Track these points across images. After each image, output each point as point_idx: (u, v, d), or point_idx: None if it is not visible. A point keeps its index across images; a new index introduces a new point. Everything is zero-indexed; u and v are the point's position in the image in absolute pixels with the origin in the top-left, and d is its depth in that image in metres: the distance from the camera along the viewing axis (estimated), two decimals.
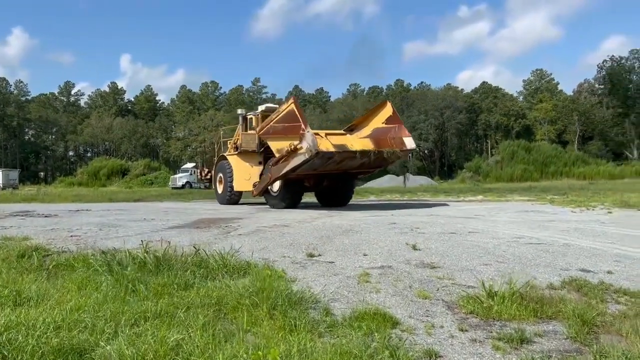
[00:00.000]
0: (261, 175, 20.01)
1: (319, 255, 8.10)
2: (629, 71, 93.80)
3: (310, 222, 13.47)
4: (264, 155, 21.15)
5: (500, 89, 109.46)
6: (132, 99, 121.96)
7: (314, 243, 9.34)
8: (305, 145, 16.91)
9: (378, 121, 19.29)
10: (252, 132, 21.76)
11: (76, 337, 3.95)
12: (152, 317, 4.53)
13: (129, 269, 6.05)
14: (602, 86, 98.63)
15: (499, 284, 5.87)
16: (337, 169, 18.84)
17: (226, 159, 23.14)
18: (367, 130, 19.31)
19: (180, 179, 56.92)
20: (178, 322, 4.42)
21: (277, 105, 23.00)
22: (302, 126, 17.29)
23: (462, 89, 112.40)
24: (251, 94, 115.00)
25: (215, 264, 6.71)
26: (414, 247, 8.65)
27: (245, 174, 21.69)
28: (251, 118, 22.88)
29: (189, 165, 63.67)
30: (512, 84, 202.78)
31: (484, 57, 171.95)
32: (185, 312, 4.70)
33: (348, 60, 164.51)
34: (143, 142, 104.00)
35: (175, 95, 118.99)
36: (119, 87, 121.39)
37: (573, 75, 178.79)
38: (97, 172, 72.47)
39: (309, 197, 24.08)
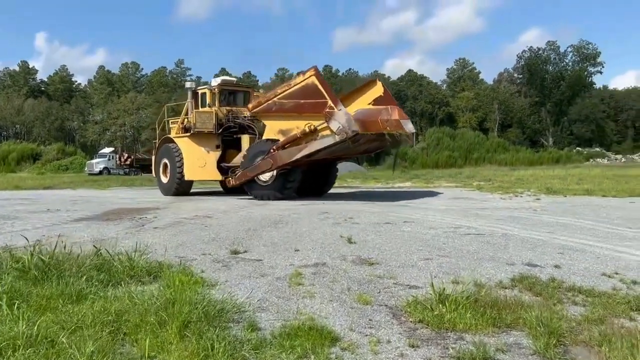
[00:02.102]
0: (251, 161, 16.37)
1: (245, 251, 7.21)
2: (546, 62, 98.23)
3: (236, 212, 12.50)
4: (222, 137, 18.77)
5: (425, 77, 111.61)
6: (46, 80, 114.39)
7: (239, 237, 8.43)
8: (336, 125, 14.43)
9: (363, 101, 16.11)
10: (208, 109, 18.86)
11: None
12: (23, 345, 3.50)
13: (4, 277, 4.89)
14: (520, 76, 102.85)
15: (446, 284, 5.28)
16: (345, 154, 17.08)
17: (173, 141, 19.67)
18: (349, 110, 15.52)
19: (97, 164, 53.66)
20: (58, 352, 3.43)
21: (234, 79, 20.34)
22: (330, 103, 14.80)
23: (389, 77, 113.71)
24: (175, 76, 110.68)
25: (120, 267, 5.68)
26: (350, 240, 7.94)
27: (199, 160, 18.61)
28: (204, 93, 19.52)
29: (107, 150, 60.26)
30: (436, 73, 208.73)
31: (410, 46, 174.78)
32: (70, 335, 3.71)
33: (277, 44, 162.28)
34: (57, 125, 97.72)
35: (93, 76, 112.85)
36: (30, 67, 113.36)
37: (494, 65, 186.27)
38: (5, 157, 66.97)
39: None
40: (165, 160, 19.98)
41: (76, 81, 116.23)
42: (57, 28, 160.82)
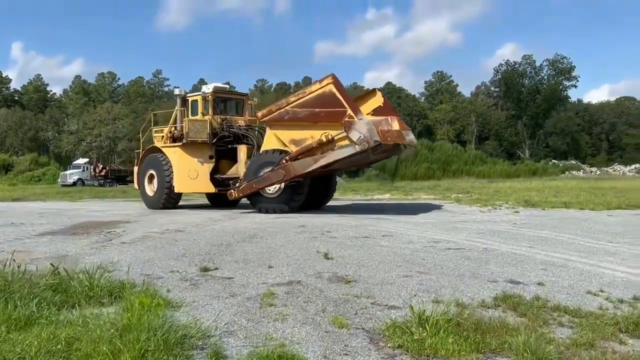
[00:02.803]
0: (256, 173, 15.55)
1: (216, 268, 6.85)
2: (522, 75, 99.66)
3: (209, 225, 12.09)
4: (216, 147, 17.78)
5: (404, 89, 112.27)
6: (20, 89, 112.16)
7: (211, 253, 8.05)
8: (356, 135, 13.90)
9: (363, 111, 15.30)
10: (202, 117, 17.75)
11: None
12: None
13: None
14: (497, 89, 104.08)
15: (426, 303, 4.99)
16: (356, 165, 16.52)
17: (160, 151, 18.39)
18: None
19: (71, 175, 52.52)
20: None
21: (226, 86, 19.35)
22: (350, 112, 14.22)
23: (367, 89, 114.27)
24: (152, 86, 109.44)
25: (79, 287, 5.28)
26: (326, 256, 7.62)
27: (190, 172, 17.47)
28: (195, 100, 18.32)
29: (82, 160, 59.04)
30: (415, 86, 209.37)
31: (390, 58, 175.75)
32: None
33: (257, 56, 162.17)
34: (31, 136, 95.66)
35: (69, 85, 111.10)
36: (3, 76, 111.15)
37: (471, 78, 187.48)
38: None
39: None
40: (152, 172, 18.59)
41: (51, 91, 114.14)
42: (33, 38, 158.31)
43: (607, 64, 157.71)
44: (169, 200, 18.09)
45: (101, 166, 54.58)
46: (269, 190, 15.55)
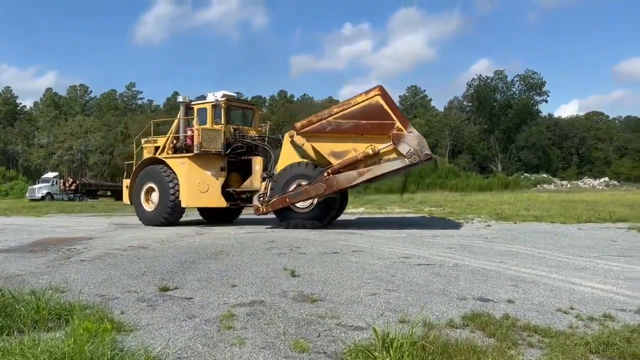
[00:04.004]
0: (285, 186, 14.99)
1: (176, 288, 6.54)
2: (494, 90, 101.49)
3: (175, 241, 11.73)
4: (228, 159, 16.81)
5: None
6: None
7: (173, 271, 7.74)
8: (405, 148, 13.72)
9: None
10: (216, 126, 16.62)
11: None
12: None
13: None
14: (470, 104, 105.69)
15: (392, 323, 4.81)
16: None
17: (162, 163, 17.11)
18: None
19: (39, 189, 51.23)
20: None
21: (235, 94, 18.22)
22: (398, 125, 13.91)
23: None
24: (125, 99, 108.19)
25: (25, 310, 4.93)
26: (293, 274, 7.38)
27: (201, 185, 16.36)
28: (203, 108, 17.12)
29: (51, 174, 57.67)
30: None
31: (366, 73, 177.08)
32: None
33: (233, 70, 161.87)
34: (0, 149, 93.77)
35: (40, 98, 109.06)
36: None
37: (445, 92, 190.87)
38: None
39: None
40: (151, 185, 17.13)
41: (21, 103, 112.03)
42: (5, 50, 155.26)
43: (576, 80, 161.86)
44: (173, 215, 16.81)
45: (71, 180, 53.38)
46: (301, 205, 15.00)
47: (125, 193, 18.49)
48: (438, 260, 8.84)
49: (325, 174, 14.44)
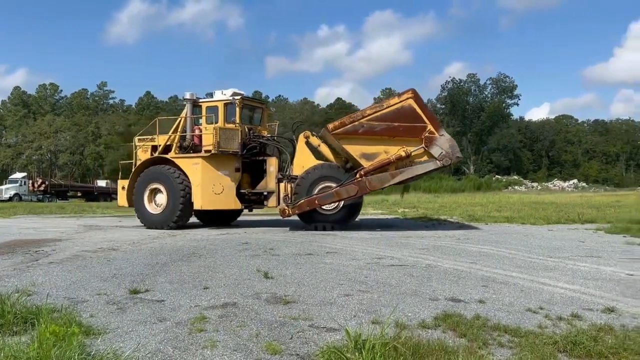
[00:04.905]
0: (310, 188, 14.78)
1: (147, 290, 6.44)
2: (467, 93, 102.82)
3: (147, 243, 11.57)
4: (242, 160, 16.26)
5: (354, 105, 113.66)
6: None
7: (144, 273, 7.63)
8: (437, 151, 14.00)
9: None
10: (233, 126, 15.94)
11: None
12: None
13: None
14: (443, 106, 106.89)
15: (365, 324, 4.82)
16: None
17: (169, 163, 16.21)
18: None
19: (7, 190, 49.97)
20: None
21: (243, 92, 17.20)
22: (430, 128, 14.15)
23: (318, 104, 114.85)
24: (97, 98, 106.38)
25: None
26: (266, 275, 7.35)
27: (215, 186, 15.67)
28: (214, 107, 16.36)
29: (19, 175, 56.37)
30: (365, 102, 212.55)
31: (341, 75, 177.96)
32: None
33: (207, 70, 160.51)
34: None
35: (7, 97, 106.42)
36: None
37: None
38: None
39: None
40: (157, 186, 16.13)
41: None
42: None
43: (546, 84, 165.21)
44: (182, 217, 15.91)
45: (40, 180, 52.30)
46: (328, 207, 14.86)
47: (122, 195, 17.22)
48: (411, 261, 8.91)
49: (358, 176, 14.42)
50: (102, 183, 57.13)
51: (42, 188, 50.83)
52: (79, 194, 52.64)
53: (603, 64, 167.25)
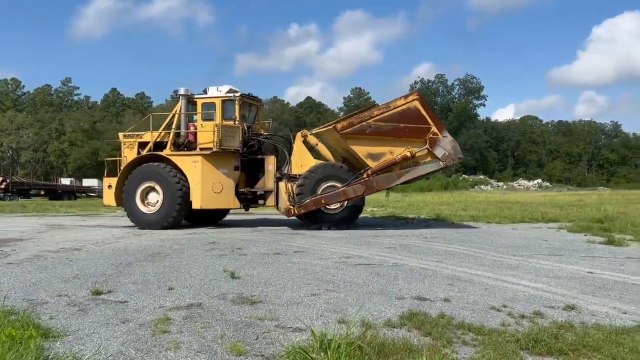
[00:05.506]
0: (315, 188, 14.65)
1: (109, 291, 6.31)
2: (435, 94, 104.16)
3: (111, 243, 11.33)
4: (241, 158, 15.86)
5: (323, 104, 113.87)
6: None
7: (107, 273, 7.47)
8: (441, 152, 14.37)
9: None
10: (233, 123, 15.51)
11: None
12: None
13: None
14: None
15: (331, 324, 4.82)
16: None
17: (165, 160, 15.61)
18: None
19: None
20: None
21: (237, 89, 16.51)
22: (434, 129, 14.47)
23: (288, 103, 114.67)
24: (61, 94, 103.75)
25: None
26: (233, 275, 7.28)
27: (215, 185, 15.28)
28: (211, 103, 15.85)
29: None
30: (335, 101, 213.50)
31: (312, 74, 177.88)
32: None
33: (175, 66, 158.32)
34: None
35: None
36: None
37: (388, 94, 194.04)
38: None
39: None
40: (150, 185, 15.40)
41: None
42: None
43: (512, 85, 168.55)
44: (179, 217, 15.46)
45: (1, 178, 50.70)
46: (333, 206, 14.83)
47: (109, 193, 16.24)
48: (378, 260, 8.96)
49: (365, 176, 14.49)
50: (66, 181, 55.72)
51: (2, 186, 49.20)
52: (42, 192, 51.26)
53: (567, 66, 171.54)
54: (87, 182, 55.89)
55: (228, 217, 18.87)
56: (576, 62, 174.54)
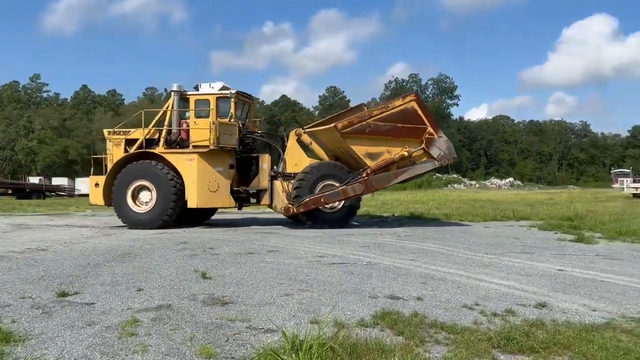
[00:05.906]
0: (313, 187, 14.59)
1: (76, 293, 6.13)
2: None
3: (79, 243, 11.06)
4: (236, 157, 15.60)
5: (299, 103, 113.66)
6: None
7: (74, 274, 7.27)
8: (436, 152, 14.64)
9: None
10: (230, 121, 15.20)
11: None
12: None
13: None
14: None
15: (304, 324, 4.76)
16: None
17: (157, 158, 15.18)
18: None
19: None
20: None
21: (229, 86, 16.04)
22: (430, 129, 14.69)
23: (263, 101, 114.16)
24: (29, 91, 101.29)
25: None
26: (204, 276, 7.16)
27: (211, 184, 14.98)
28: (204, 100, 15.42)
29: None
30: (310, 100, 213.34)
31: (287, 72, 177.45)
32: None
33: (148, 63, 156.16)
34: None
35: None
36: None
37: (363, 94, 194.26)
38: None
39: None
40: (142, 183, 14.94)
41: None
42: None
43: (485, 85, 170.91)
44: (173, 216, 14.95)
45: None
46: (330, 205, 14.79)
47: (96, 192, 15.65)
48: (352, 258, 8.92)
49: (366, 175, 14.55)
50: (34, 180, 54.46)
51: None
52: (10, 191, 49.99)
53: (538, 67, 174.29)
54: (57, 181, 54.66)
55: (216, 216, 18.56)
56: (547, 63, 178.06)
